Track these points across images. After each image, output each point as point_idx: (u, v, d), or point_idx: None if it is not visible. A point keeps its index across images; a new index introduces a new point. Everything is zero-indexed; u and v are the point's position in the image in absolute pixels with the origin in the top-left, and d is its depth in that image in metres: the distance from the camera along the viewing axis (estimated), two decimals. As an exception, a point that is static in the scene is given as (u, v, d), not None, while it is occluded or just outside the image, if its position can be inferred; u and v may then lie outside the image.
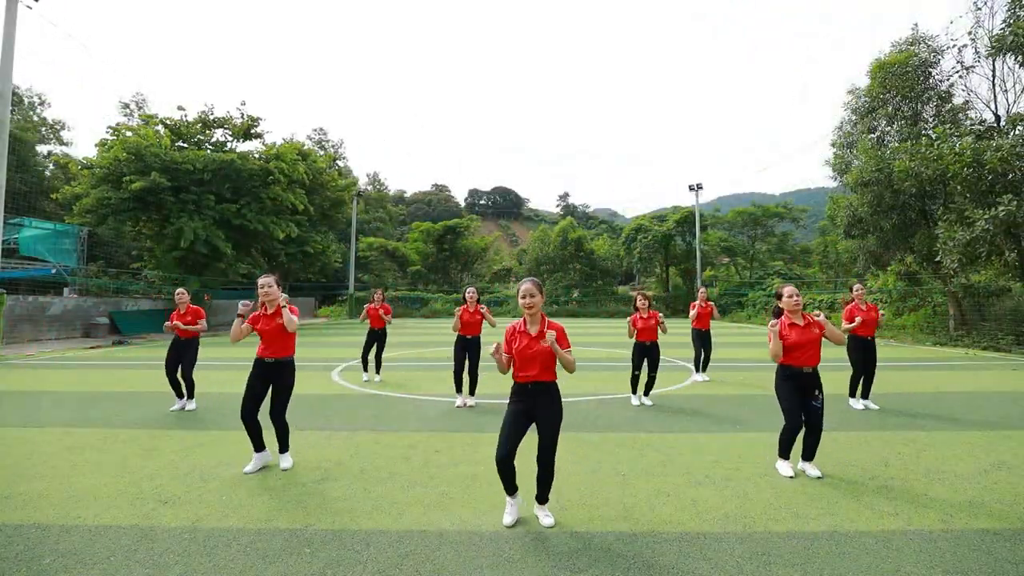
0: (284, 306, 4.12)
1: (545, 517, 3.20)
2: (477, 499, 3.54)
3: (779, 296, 4.17)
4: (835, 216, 21.97)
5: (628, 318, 6.73)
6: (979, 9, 15.15)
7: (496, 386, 7.28)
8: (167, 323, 6.19)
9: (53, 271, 20.86)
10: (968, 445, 4.82)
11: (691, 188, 35.10)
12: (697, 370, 8.69)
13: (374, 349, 8.52)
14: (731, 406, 6.55)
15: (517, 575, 2.60)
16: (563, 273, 39.77)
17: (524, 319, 3.24)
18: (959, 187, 13.21)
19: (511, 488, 3.20)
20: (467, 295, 6.74)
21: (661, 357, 6.78)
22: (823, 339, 4.00)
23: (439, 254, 41.79)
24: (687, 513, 3.31)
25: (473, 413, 6.18)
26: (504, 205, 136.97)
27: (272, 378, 4.13)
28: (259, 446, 4.12)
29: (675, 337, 17.17)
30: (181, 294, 6.32)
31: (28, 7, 13.22)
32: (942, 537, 2.98)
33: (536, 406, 3.14)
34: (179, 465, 4.21)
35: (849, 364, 6.50)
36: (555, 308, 36.06)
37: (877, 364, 6.52)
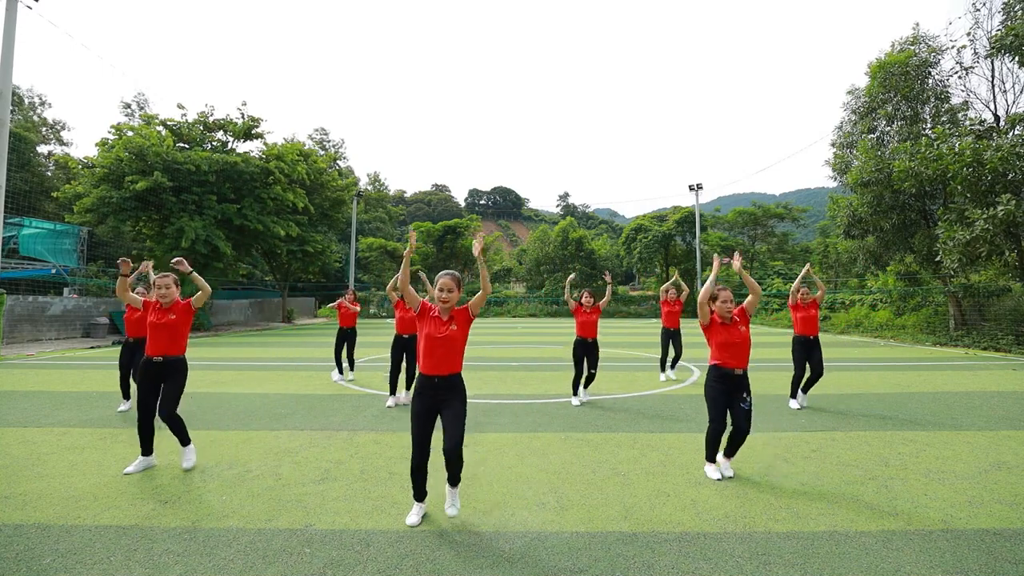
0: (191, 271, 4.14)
1: (450, 507, 3.21)
2: (477, 499, 3.54)
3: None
4: (835, 216, 21.99)
5: (572, 306, 6.68)
6: (978, 10, 15.17)
7: (494, 387, 7.28)
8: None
9: (53, 271, 20.85)
10: (968, 445, 4.82)
11: (691, 188, 35.13)
12: (663, 370, 8.66)
13: (344, 348, 8.71)
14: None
15: (517, 575, 2.60)
16: (563, 273, 39.78)
17: (437, 307, 3.21)
18: (959, 187, 13.21)
19: (421, 494, 3.23)
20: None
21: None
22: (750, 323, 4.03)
23: (439, 254, 41.77)
24: (687, 513, 3.31)
25: (473, 412, 6.17)
26: (504, 205, 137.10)
27: (163, 377, 4.02)
28: (146, 450, 4.08)
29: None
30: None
31: (28, 7, 13.22)
32: (942, 537, 2.97)
33: (441, 401, 3.15)
34: (179, 465, 4.20)
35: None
36: (555, 308, 36.09)
37: (825, 363, 6.36)
